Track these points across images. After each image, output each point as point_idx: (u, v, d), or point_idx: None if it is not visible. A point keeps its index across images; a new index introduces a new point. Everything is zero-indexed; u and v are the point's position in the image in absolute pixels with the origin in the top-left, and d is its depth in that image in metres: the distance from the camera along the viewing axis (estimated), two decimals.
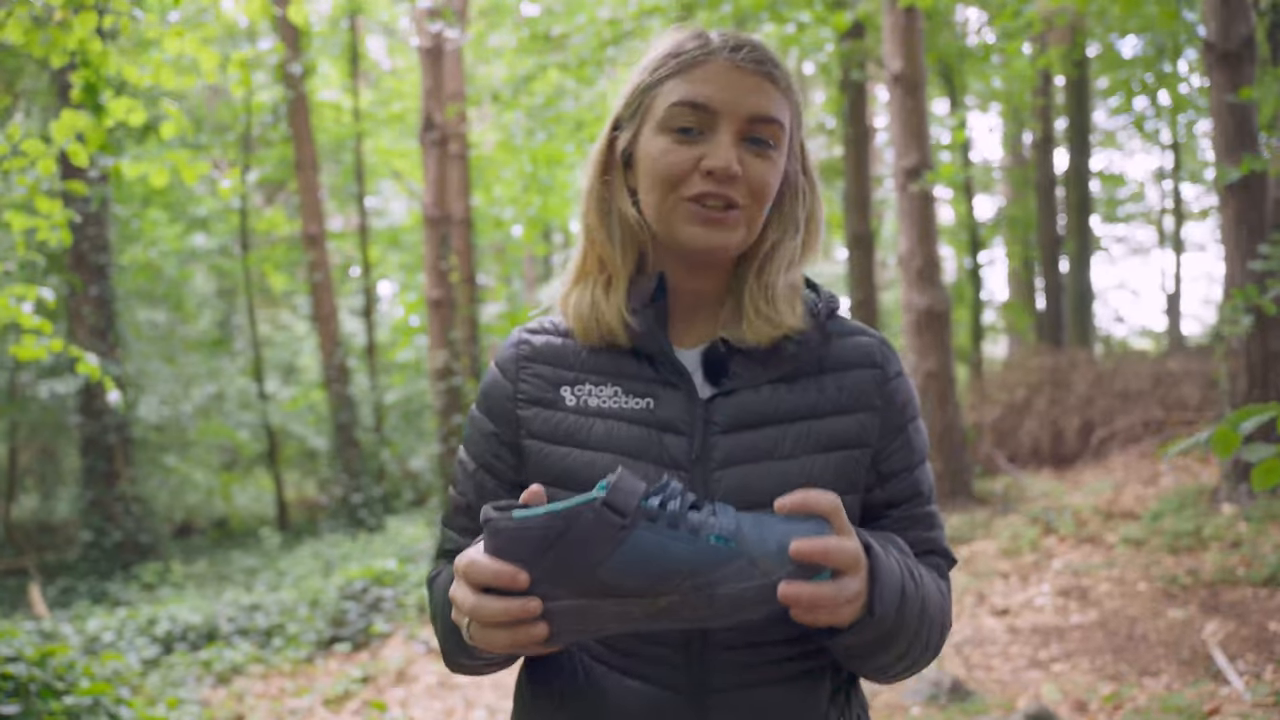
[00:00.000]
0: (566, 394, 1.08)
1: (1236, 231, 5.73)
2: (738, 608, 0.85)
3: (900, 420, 1.11)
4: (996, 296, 15.35)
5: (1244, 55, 5.64)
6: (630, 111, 1.08)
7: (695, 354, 1.09)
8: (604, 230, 1.10)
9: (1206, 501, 6.06)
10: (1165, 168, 16.53)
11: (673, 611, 0.85)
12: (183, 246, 13.12)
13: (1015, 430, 8.98)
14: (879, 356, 1.11)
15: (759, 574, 0.85)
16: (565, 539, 0.84)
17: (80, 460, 9.71)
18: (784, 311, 1.06)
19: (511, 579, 0.85)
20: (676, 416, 1.05)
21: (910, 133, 7.32)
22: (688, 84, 1.03)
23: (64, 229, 2.88)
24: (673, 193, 1.03)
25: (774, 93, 1.04)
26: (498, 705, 4.90)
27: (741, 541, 0.86)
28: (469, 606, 0.88)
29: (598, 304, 1.08)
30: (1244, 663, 4.02)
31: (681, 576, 0.84)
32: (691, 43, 1.05)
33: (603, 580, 0.85)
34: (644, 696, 1.04)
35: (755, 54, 1.03)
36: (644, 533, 0.85)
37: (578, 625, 0.87)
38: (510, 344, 1.15)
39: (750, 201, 1.03)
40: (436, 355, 9.28)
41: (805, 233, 1.11)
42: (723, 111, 1.02)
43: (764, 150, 1.03)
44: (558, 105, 9.93)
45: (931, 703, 3.95)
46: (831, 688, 1.08)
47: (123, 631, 6.37)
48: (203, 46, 2.70)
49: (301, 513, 13.87)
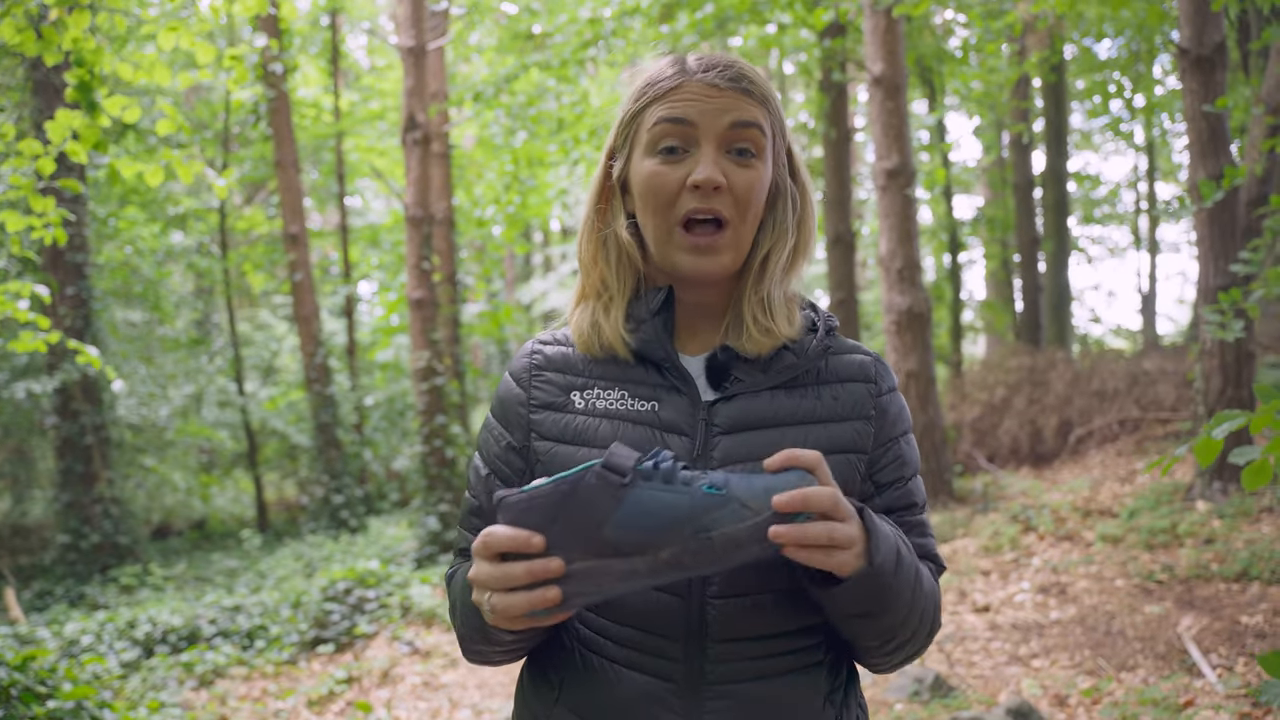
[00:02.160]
0: (576, 398, 1.13)
1: (1210, 232, 5.83)
2: (735, 546, 0.90)
3: (893, 432, 1.16)
4: (975, 296, 15.47)
5: (1216, 61, 5.74)
6: (621, 141, 1.15)
7: (699, 361, 1.15)
8: (603, 255, 1.16)
9: (1181, 499, 6.16)
10: (1140, 169, 16.75)
11: (675, 562, 0.90)
12: (160, 245, 13.00)
13: (994, 429, 9.07)
14: (873, 372, 1.17)
15: (751, 514, 0.90)
16: (571, 502, 0.91)
17: (56, 462, 9.59)
18: (780, 323, 1.11)
19: (528, 541, 0.91)
20: (679, 418, 1.10)
21: (891, 134, 7.38)
22: (668, 105, 1.09)
23: (58, 227, 2.86)
24: (668, 213, 1.09)
25: (749, 104, 1.09)
26: (483, 705, 4.90)
27: (731, 488, 0.92)
28: (492, 574, 0.93)
29: (598, 323, 1.15)
30: (1217, 656, 4.10)
31: (680, 525, 0.90)
32: (669, 69, 1.11)
33: (608, 538, 0.91)
34: (642, 688, 1.06)
35: (728, 71, 1.09)
36: (642, 490, 0.91)
37: (589, 586, 0.92)
38: (524, 354, 1.21)
39: (736, 215, 1.08)
40: (419, 355, 9.25)
41: (797, 238, 1.15)
42: (701, 124, 1.07)
43: (747, 160, 1.08)
44: (539, 105, 9.92)
45: (914, 698, 4.00)
46: (829, 686, 1.11)
47: (101, 635, 6.31)
48: (199, 42, 2.69)
49: (281, 514, 13.78)
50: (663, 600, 1.05)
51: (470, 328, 13.13)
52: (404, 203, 9.47)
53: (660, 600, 1.05)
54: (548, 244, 20.90)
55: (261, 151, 13.05)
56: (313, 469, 11.64)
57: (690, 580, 1.04)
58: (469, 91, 9.87)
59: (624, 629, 1.07)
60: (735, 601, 1.05)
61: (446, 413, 9.34)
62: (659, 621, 1.06)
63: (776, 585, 1.06)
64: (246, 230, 14.52)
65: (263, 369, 15.39)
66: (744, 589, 1.05)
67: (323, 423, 11.33)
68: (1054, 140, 11.99)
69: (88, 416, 9.43)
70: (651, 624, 1.06)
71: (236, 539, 11.73)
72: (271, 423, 13.05)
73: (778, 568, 1.04)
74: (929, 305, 7.42)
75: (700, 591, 1.05)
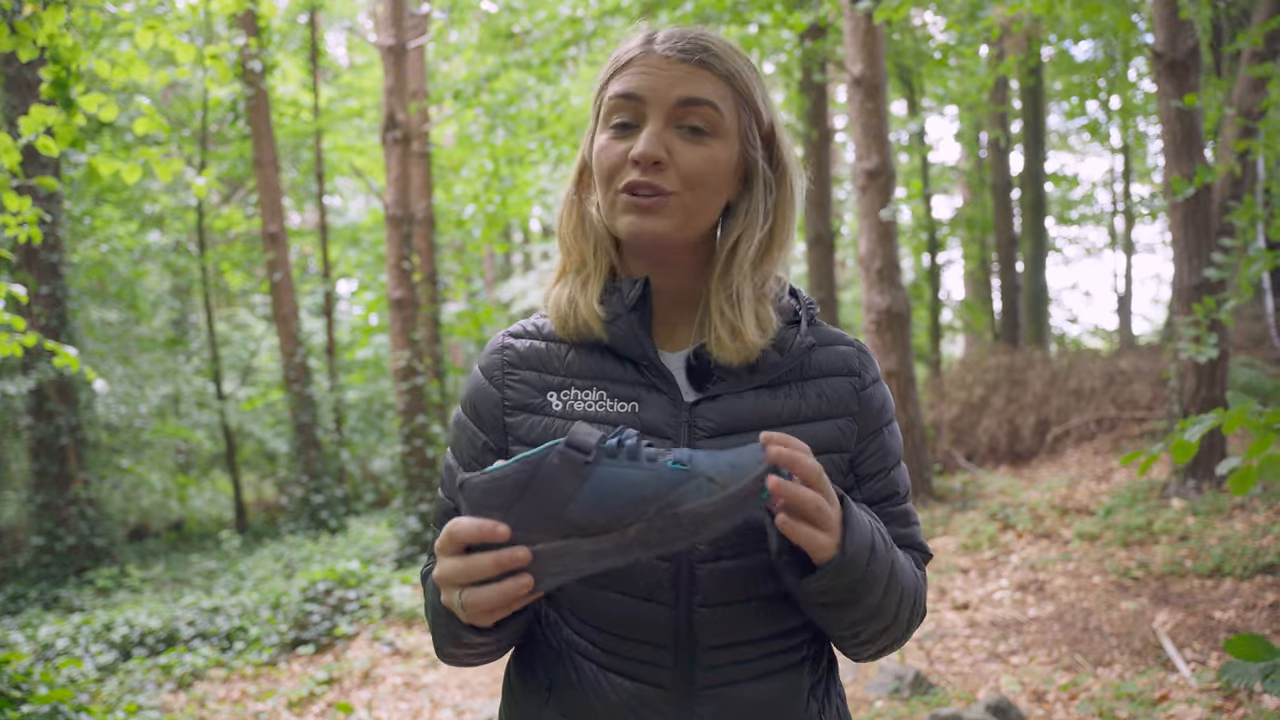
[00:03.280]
0: (553, 399, 1.10)
1: (1185, 233, 5.91)
2: (701, 523, 0.89)
3: (876, 424, 1.14)
4: (953, 296, 15.60)
5: (1190, 64, 5.83)
6: (592, 115, 1.12)
7: (679, 357, 1.11)
8: (580, 230, 1.13)
9: (1157, 497, 6.23)
10: (1116, 170, 16.93)
11: (642, 539, 0.89)
12: (137, 244, 12.87)
13: (973, 428, 9.14)
14: (856, 364, 1.14)
15: (718, 489, 0.89)
16: (535, 482, 0.89)
17: (30, 463, 9.47)
18: (748, 322, 1.06)
19: (493, 531, 0.88)
20: (661, 420, 1.07)
21: (870, 135, 7.42)
22: (622, 80, 1.06)
23: (33, 226, 2.82)
24: (610, 185, 1.06)
25: (706, 78, 1.04)
26: (464, 705, 4.89)
27: (695, 464, 0.91)
28: (460, 568, 0.89)
29: (575, 300, 1.11)
30: (1191, 651, 4.15)
31: (646, 502, 0.89)
32: (635, 42, 1.08)
33: (572, 518, 0.89)
34: (631, 692, 1.06)
35: (687, 43, 1.04)
36: (606, 468, 0.90)
37: (557, 567, 0.90)
38: (494, 349, 1.16)
39: (683, 188, 1.04)
40: (399, 355, 9.21)
41: (771, 225, 1.10)
42: (649, 99, 1.04)
43: (698, 137, 1.04)
44: (519, 103, 9.90)
45: (894, 695, 4.03)
46: (811, 680, 1.11)
47: (77, 638, 6.23)
48: (178, 40, 2.67)
49: (260, 514, 13.68)
50: (652, 610, 1.04)
51: (450, 328, 13.09)
52: (384, 202, 9.42)
53: (649, 610, 1.04)
54: (527, 242, 20.85)
55: (240, 150, 12.95)
56: (292, 469, 11.57)
57: (678, 590, 1.04)
58: (449, 89, 9.84)
59: (613, 637, 1.06)
60: (722, 610, 1.04)
61: (427, 412, 9.31)
62: (648, 630, 1.04)
63: (762, 592, 1.05)
64: (224, 229, 14.40)
65: (241, 369, 15.27)
66: (730, 597, 1.04)
67: (302, 423, 11.26)
68: (1032, 141, 12.09)
69: (63, 417, 9.32)
70: (641, 633, 1.05)
71: (215, 540, 11.64)
72: (249, 425, 12.95)
73: (763, 575, 1.04)
74: (908, 305, 7.47)
75: (688, 600, 1.04)
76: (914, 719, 3.78)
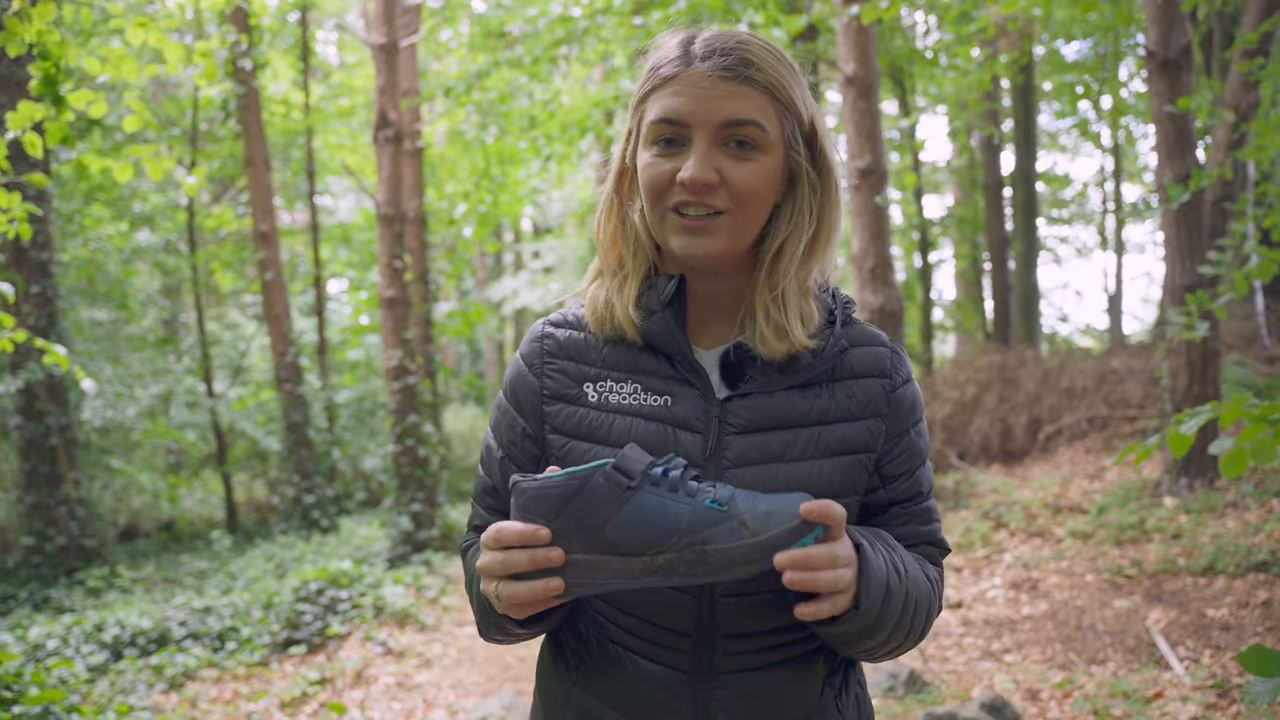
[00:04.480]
0: (589, 390, 1.13)
1: (1177, 233, 5.93)
2: (727, 564, 0.94)
3: (905, 425, 1.16)
4: (945, 295, 15.63)
5: (1182, 63, 5.84)
6: (633, 123, 1.12)
7: (714, 355, 1.14)
8: (620, 233, 1.15)
9: (1149, 495, 6.25)
10: (1107, 170, 16.98)
11: (669, 568, 0.94)
12: (126, 243, 12.79)
13: (965, 427, 9.16)
14: (888, 365, 1.15)
15: (748, 534, 0.93)
16: (579, 497, 0.95)
17: (20, 463, 9.41)
18: (794, 322, 1.08)
19: (534, 535, 0.95)
20: (692, 414, 1.09)
21: (863, 134, 7.42)
22: (664, 99, 1.06)
23: (23, 222, 2.80)
24: (660, 203, 1.07)
25: (750, 95, 1.04)
26: (457, 705, 4.88)
27: (733, 506, 0.95)
28: (499, 560, 0.97)
29: (611, 301, 1.14)
30: (1184, 648, 4.17)
31: (678, 534, 0.94)
32: (674, 53, 1.08)
33: (609, 537, 0.95)
34: (653, 675, 1.10)
35: (729, 60, 1.04)
36: (647, 494, 0.95)
37: (585, 578, 0.96)
38: (535, 336, 1.19)
39: (734, 206, 1.05)
40: (391, 354, 9.18)
41: (817, 226, 1.11)
42: (693, 124, 1.04)
43: (745, 153, 1.05)
44: (511, 102, 9.87)
45: (889, 694, 4.03)
46: (827, 669, 1.15)
47: (68, 638, 6.19)
48: (166, 38, 2.65)
49: (252, 514, 13.62)
50: (677, 598, 1.09)
51: (441, 327, 13.05)
52: (376, 201, 9.39)
53: (674, 598, 1.09)
54: (519, 242, 20.81)
55: (231, 149, 12.89)
56: (283, 469, 11.52)
57: None
58: (440, 88, 9.81)
59: (640, 622, 1.11)
60: (742, 600, 1.09)
61: (419, 412, 9.28)
62: (672, 617, 1.09)
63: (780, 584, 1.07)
64: (215, 228, 14.33)
65: (231, 369, 15.20)
66: (750, 588, 1.08)
67: (293, 422, 11.22)
68: (1023, 141, 12.12)
69: (53, 417, 9.26)
70: (665, 619, 1.09)
71: (206, 540, 11.58)
72: (240, 424, 12.89)
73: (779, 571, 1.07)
74: (901, 304, 7.47)
75: (710, 590, 1.08)
76: (909, 717, 3.78)
